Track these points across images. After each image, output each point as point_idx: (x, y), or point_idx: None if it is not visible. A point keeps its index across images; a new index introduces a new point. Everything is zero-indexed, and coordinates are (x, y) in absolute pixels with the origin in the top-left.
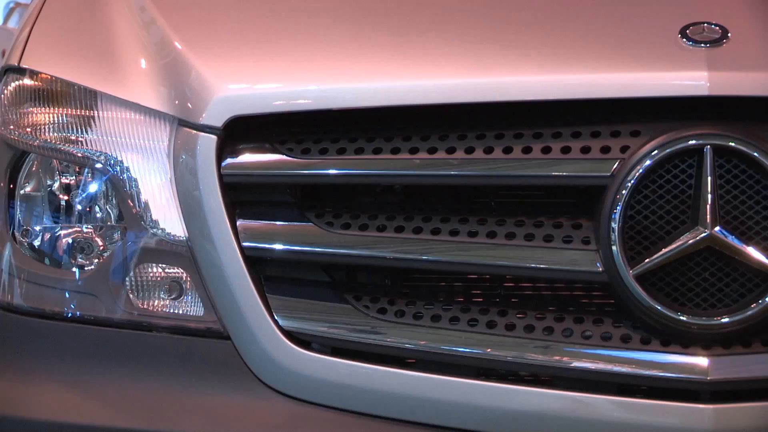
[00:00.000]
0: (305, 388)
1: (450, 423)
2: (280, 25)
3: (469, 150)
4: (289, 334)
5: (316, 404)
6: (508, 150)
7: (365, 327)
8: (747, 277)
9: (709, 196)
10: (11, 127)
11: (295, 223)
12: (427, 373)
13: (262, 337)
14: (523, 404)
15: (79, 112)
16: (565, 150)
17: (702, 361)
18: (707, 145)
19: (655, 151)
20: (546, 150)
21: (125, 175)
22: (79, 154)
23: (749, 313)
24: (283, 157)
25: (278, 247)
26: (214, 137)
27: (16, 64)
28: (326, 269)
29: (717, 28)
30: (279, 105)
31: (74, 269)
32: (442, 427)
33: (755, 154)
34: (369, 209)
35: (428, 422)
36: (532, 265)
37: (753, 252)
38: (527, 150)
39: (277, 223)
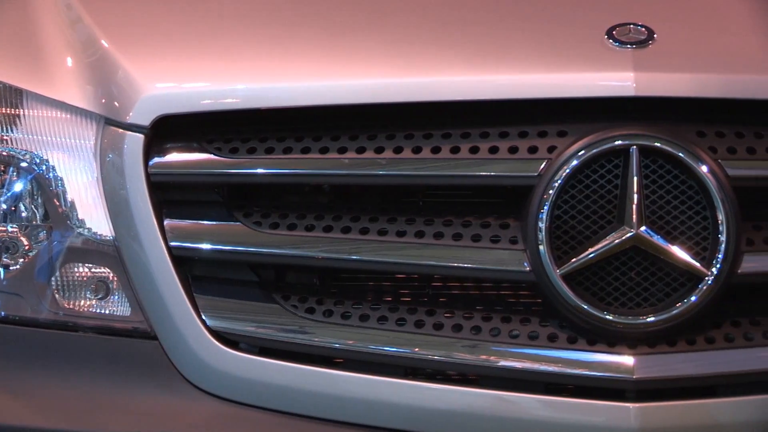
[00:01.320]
0: (233, 388)
1: (378, 422)
2: (209, 24)
3: (398, 150)
4: (217, 334)
5: (244, 404)
6: (436, 150)
7: (293, 327)
8: (672, 277)
9: (635, 196)
10: None
11: (223, 223)
12: (356, 373)
13: (189, 337)
14: (451, 403)
15: (4, 111)
16: (493, 150)
17: (627, 360)
18: (633, 145)
19: (582, 152)
20: (474, 150)
21: (51, 174)
22: (4, 153)
23: (674, 312)
24: (211, 156)
25: (206, 246)
26: (141, 136)
27: None
28: (254, 269)
29: (643, 29)
30: (206, 104)
31: None
32: (371, 426)
33: (680, 154)
34: (297, 209)
35: (357, 422)
36: (460, 265)
37: (678, 251)
38: (455, 150)
39: (205, 222)
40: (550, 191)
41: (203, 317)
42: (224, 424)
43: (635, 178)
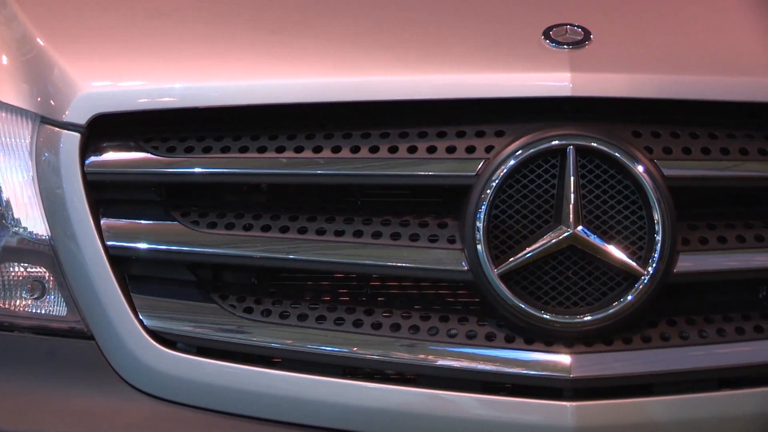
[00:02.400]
0: (171, 388)
1: (317, 422)
2: (147, 23)
3: (336, 149)
4: (154, 334)
5: (181, 404)
6: (374, 149)
7: (231, 326)
8: (609, 276)
9: (572, 195)
10: None
11: (161, 222)
12: (294, 373)
13: (126, 337)
14: (389, 403)
15: None
16: (431, 150)
17: (564, 358)
18: (570, 145)
19: (519, 151)
20: (412, 149)
21: None
22: None
23: (611, 311)
24: (148, 155)
25: (143, 246)
26: (77, 135)
27: None
28: (192, 268)
29: (579, 29)
30: (143, 103)
31: None
32: (309, 426)
33: (616, 154)
34: (235, 208)
35: (295, 421)
36: (398, 264)
37: (614, 251)
38: (393, 149)
39: (142, 221)
40: (488, 191)
41: (140, 317)
42: (161, 425)
43: (572, 178)
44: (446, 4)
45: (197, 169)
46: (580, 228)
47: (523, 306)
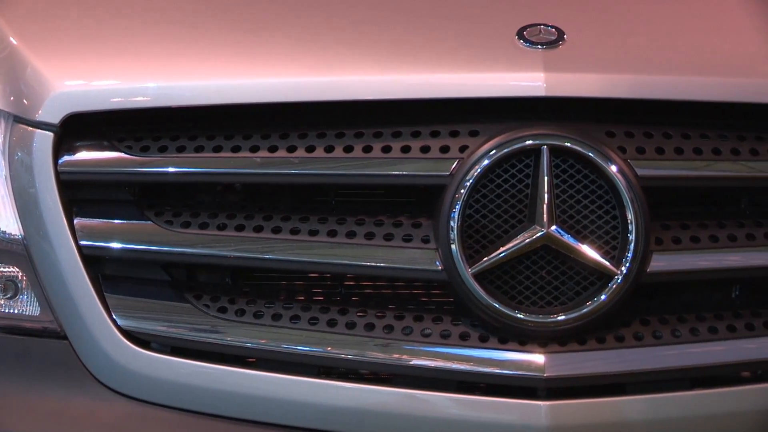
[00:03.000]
0: (144, 388)
1: (292, 422)
2: (121, 22)
3: (310, 149)
4: (128, 334)
5: (155, 404)
6: (348, 149)
7: (205, 326)
8: (583, 276)
9: (546, 195)
10: None
11: (134, 222)
12: (268, 372)
13: (99, 337)
14: (364, 402)
15: None
16: (405, 149)
17: (538, 358)
18: (544, 145)
19: (493, 151)
20: (386, 149)
21: None
22: None
23: (584, 310)
24: (121, 154)
25: (116, 245)
26: (50, 134)
27: None
28: (166, 268)
29: (553, 29)
30: (117, 102)
31: None
32: (284, 426)
33: (590, 154)
34: (209, 208)
35: (269, 421)
36: (373, 264)
37: (588, 251)
38: (367, 149)
39: (116, 221)
40: (462, 190)
41: (114, 317)
42: (135, 424)
43: (546, 178)
44: (420, 4)
45: (171, 169)
46: (553, 228)
47: (497, 305)
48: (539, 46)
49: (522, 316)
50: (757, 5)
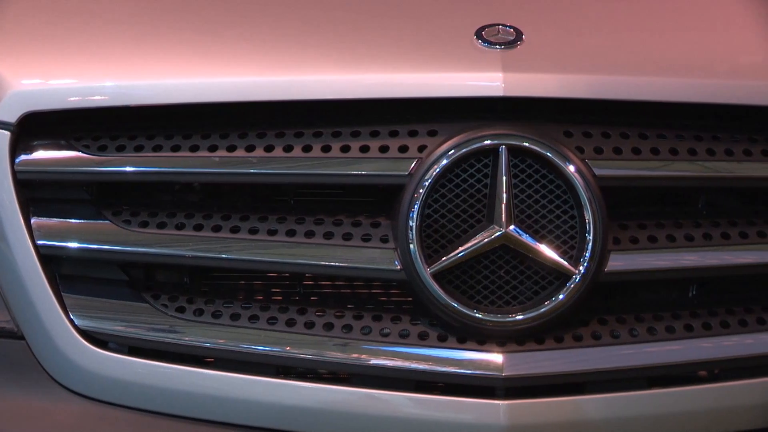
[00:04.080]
0: (102, 388)
1: (250, 422)
2: (78, 21)
3: (269, 148)
4: (85, 334)
5: (113, 404)
6: (307, 148)
7: (163, 326)
8: (541, 275)
9: (504, 195)
10: None
11: (92, 221)
12: (227, 372)
13: (57, 337)
14: (323, 402)
15: None
16: (364, 149)
17: (497, 357)
18: (502, 145)
19: (452, 151)
20: (345, 149)
21: None
22: None
23: (542, 310)
24: (79, 153)
25: (74, 245)
26: (7, 133)
27: None
28: (124, 268)
29: (511, 30)
30: (74, 101)
31: None
32: (242, 425)
33: (548, 154)
34: (167, 207)
35: (228, 421)
36: (331, 264)
37: (546, 250)
38: (326, 149)
39: (73, 221)
40: (421, 190)
41: (71, 317)
42: (92, 425)
43: (504, 178)
44: (378, 3)
45: (128, 168)
46: (512, 227)
47: (455, 305)
48: (497, 46)
49: (480, 316)
50: (716, 5)
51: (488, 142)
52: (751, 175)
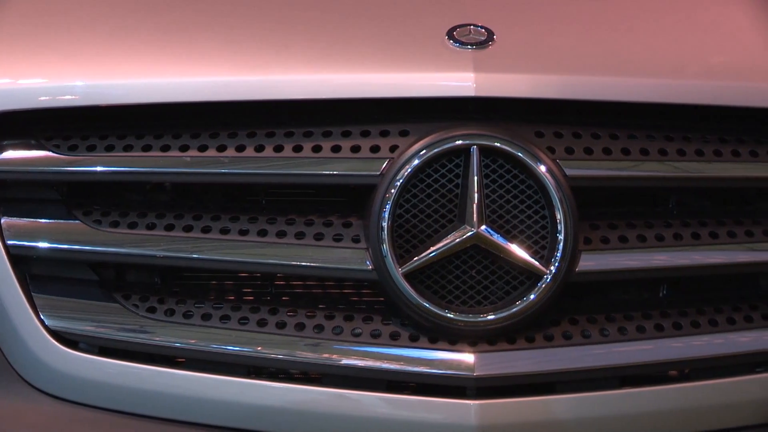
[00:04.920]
0: (73, 389)
1: (221, 422)
2: (48, 20)
3: (240, 148)
4: (56, 334)
5: (84, 405)
6: (278, 148)
7: (134, 326)
8: (512, 275)
9: (476, 195)
10: None
11: (62, 221)
12: (198, 372)
13: (27, 337)
14: (294, 402)
15: None
16: (336, 149)
17: (468, 357)
18: (473, 145)
19: (423, 151)
20: (316, 149)
21: None
22: None
23: (514, 310)
24: (49, 153)
25: (44, 245)
26: None
27: None
28: (94, 268)
29: (483, 30)
30: (44, 101)
31: None
32: (213, 426)
33: (519, 154)
34: (138, 207)
35: (199, 421)
36: (303, 264)
37: (517, 250)
38: (298, 149)
39: (43, 220)
40: (392, 190)
41: (41, 317)
42: (62, 425)
43: (476, 178)
44: (350, 4)
45: (99, 168)
46: (483, 227)
47: (427, 305)
48: (469, 47)
49: (452, 316)
50: (687, 6)
51: (460, 142)
52: (721, 175)
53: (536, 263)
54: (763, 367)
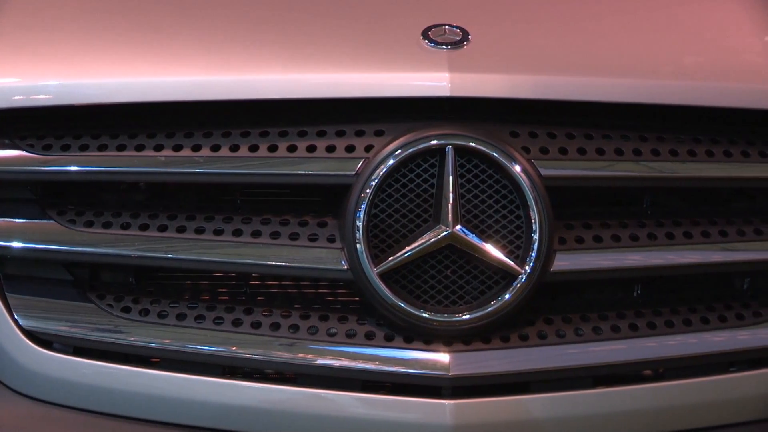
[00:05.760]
0: (47, 389)
1: (196, 422)
2: (22, 20)
3: (215, 148)
4: (30, 334)
5: (58, 405)
6: (254, 148)
7: (108, 326)
8: (487, 275)
9: (451, 195)
10: None
11: (36, 221)
12: (172, 372)
13: (0, 337)
14: (269, 402)
15: None
16: (311, 149)
17: (443, 357)
18: (449, 145)
19: (399, 151)
20: (291, 149)
21: None
22: None
23: (489, 309)
24: (22, 152)
25: (17, 245)
26: None
27: None
28: (69, 267)
29: (458, 30)
30: (18, 100)
31: None
32: (188, 426)
33: (494, 154)
34: (113, 207)
35: (174, 421)
36: (278, 263)
37: (492, 250)
38: (273, 148)
39: (17, 220)
40: (367, 190)
41: (15, 316)
42: (36, 425)
43: (451, 178)
44: (326, 4)
45: (73, 168)
46: (458, 227)
47: (402, 305)
48: (444, 47)
49: (427, 316)
50: (662, 6)
51: (435, 142)
52: (696, 175)
53: (511, 263)
54: (736, 367)
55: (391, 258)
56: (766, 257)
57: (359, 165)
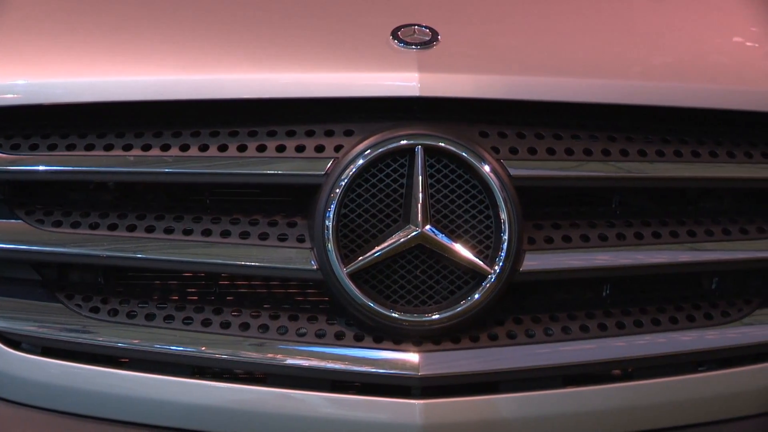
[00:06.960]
0: (14, 389)
1: (165, 422)
2: None
3: (184, 147)
4: None
5: (26, 405)
6: (223, 148)
7: (76, 326)
8: (457, 275)
9: (420, 195)
10: None
11: (4, 221)
12: (141, 373)
13: None
14: (239, 402)
15: None
16: (280, 149)
17: (413, 357)
18: (418, 145)
19: (368, 151)
20: (261, 148)
21: None
22: None
23: (458, 309)
24: None
25: None
26: None
27: None
28: (37, 267)
29: (427, 30)
30: None
31: None
32: (157, 426)
33: (464, 154)
34: (81, 206)
35: (143, 422)
36: (247, 263)
37: (462, 250)
38: (242, 148)
39: None
40: (337, 190)
41: None
42: (4, 425)
43: (420, 178)
44: (295, 4)
45: (41, 167)
46: (428, 227)
47: (371, 305)
48: (413, 47)
49: (397, 315)
50: (632, 6)
51: (404, 142)
52: (664, 175)
53: (480, 263)
54: (705, 366)
55: (360, 258)
56: (734, 257)
57: (329, 165)
